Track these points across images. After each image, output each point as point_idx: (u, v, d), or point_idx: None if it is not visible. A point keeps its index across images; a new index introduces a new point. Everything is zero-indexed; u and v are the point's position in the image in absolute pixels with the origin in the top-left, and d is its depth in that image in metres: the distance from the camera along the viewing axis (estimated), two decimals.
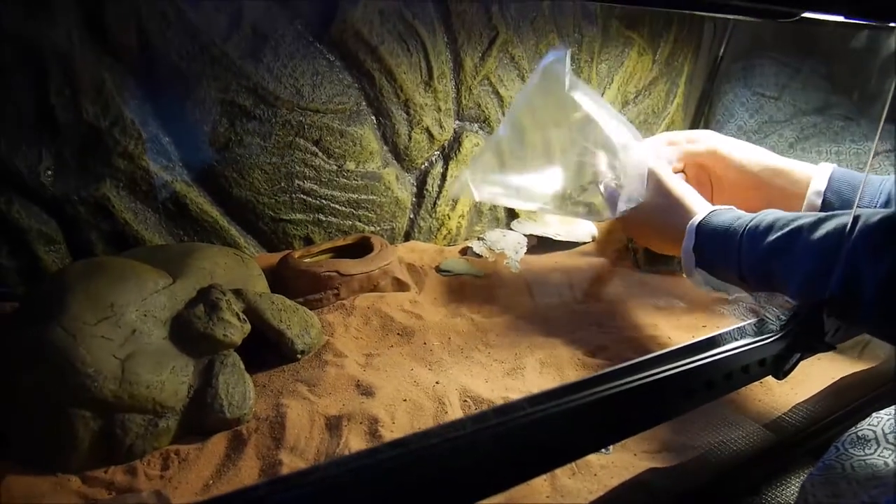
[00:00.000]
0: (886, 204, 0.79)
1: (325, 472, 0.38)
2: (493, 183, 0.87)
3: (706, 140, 0.93)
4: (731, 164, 0.90)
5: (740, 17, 0.71)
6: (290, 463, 0.59)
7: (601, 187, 0.85)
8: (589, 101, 0.85)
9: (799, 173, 0.85)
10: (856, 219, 0.57)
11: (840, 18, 0.64)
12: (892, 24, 0.55)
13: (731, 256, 0.69)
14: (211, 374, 0.65)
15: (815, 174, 0.83)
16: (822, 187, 0.82)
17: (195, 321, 0.66)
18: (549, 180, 0.88)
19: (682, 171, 0.95)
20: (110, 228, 0.87)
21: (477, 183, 0.86)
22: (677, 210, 0.79)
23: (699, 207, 0.78)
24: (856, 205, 0.66)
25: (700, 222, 0.75)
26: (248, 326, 0.70)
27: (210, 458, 0.61)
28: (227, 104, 0.90)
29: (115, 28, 0.81)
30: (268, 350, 0.75)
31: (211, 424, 0.63)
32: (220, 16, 0.87)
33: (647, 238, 0.92)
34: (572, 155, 0.86)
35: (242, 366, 0.68)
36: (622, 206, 0.83)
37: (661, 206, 0.82)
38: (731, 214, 0.73)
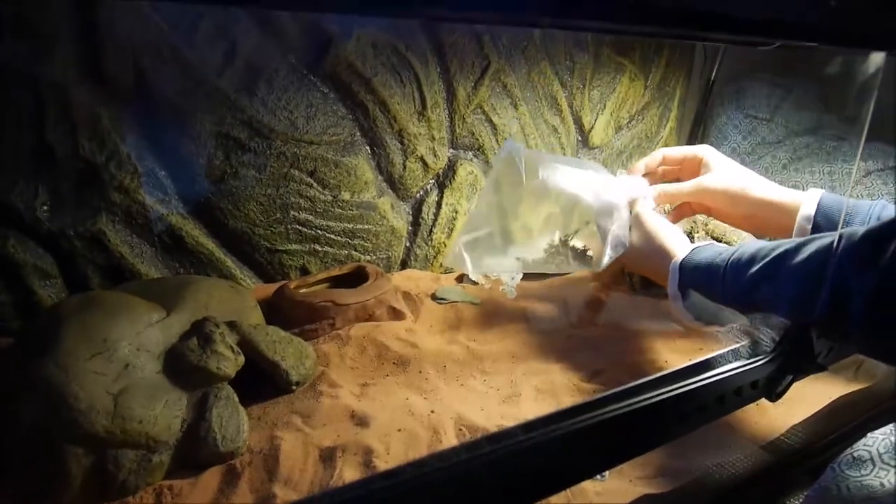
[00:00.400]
0: None
1: None
2: (484, 257, 0.91)
3: (702, 155, 0.93)
4: (720, 199, 0.91)
5: (724, 42, 0.72)
6: (284, 496, 0.59)
7: (580, 245, 0.91)
8: (552, 174, 0.88)
9: (788, 203, 0.85)
10: (841, 237, 0.57)
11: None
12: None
13: (715, 291, 0.70)
14: (205, 407, 0.65)
15: (803, 200, 0.84)
16: (812, 212, 0.82)
17: (189, 354, 0.66)
18: (536, 247, 0.93)
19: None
20: (106, 262, 0.87)
21: (472, 261, 0.90)
22: (660, 253, 0.81)
23: (679, 248, 0.79)
24: (840, 226, 0.66)
25: (682, 262, 0.76)
26: (242, 359, 0.70)
27: (203, 492, 0.60)
28: (222, 137, 0.91)
29: (111, 64, 0.83)
30: (263, 382, 0.75)
31: (205, 458, 0.63)
32: (215, 51, 0.88)
33: (640, 272, 0.94)
34: (553, 223, 0.93)
35: (236, 398, 0.68)
36: (606, 260, 0.87)
37: (644, 251, 0.84)
38: (713, 250, 0.74)
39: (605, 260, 0.86)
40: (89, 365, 0.60)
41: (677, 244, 0.80)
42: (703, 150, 0.94)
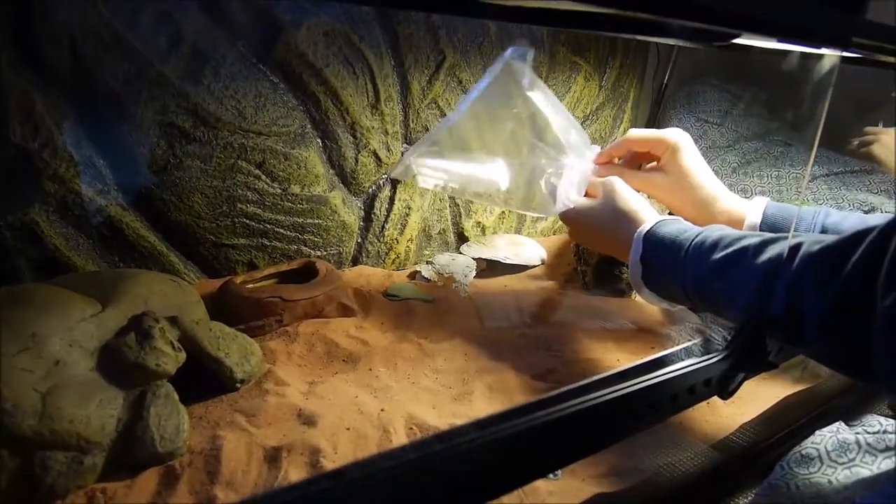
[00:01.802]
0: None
1: None
2: (439, 169, 0.86)
3: (674, 140, 0.90)
4: (675, 197, 0.90)
5: (678, 43, 0.72)
6: (225, 498, 0.56)
7: (543, 183, 0.85)
8: (545, 102, 0.85)
9: (736, 212, 0.85)
10: (797, 246, 0.57)
11: (773, 45, 0.65)
12: (821, 52, 0.56)
13: (677, 270, 0.69)
14: (142, 406, 0.61)
15: (749, 209, 0.84)
16: (757, 220, 0.83)
17: (125, 351, 0.63)
18: (497, 172, 0.87)
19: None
20: (39, 255, 0.83)
21: (421, 167, 0.84)
22: (627, 218, 0.79)
23: (648, 217, 0.78)
24: (792, 230, 0.67)
25: (647, 232, 0.75)
26: (183, 355, 0.67)
27: (139, 495, 0.57)
28: (165, 126, 0.88)
29: (47, 48, 0.78)
30: (206, 380, 0.72)
31: (141, 459, 0.60)
32: (159, 37, 0.85)
33: (597, 243, 0.91)
34: (522, 149, 0.86)
35: (176, 397, 0.65)
36: (559, 206, 0.84)
37: (612, 213, 0.81)
38: (678, 226, 0.73)
39: (558, 206, 0.84)
40: (16, 361, 0.56)
41: (647, 212, 0.79)
42: (675, 136, 0.90)
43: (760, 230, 0.83)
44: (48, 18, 0.78)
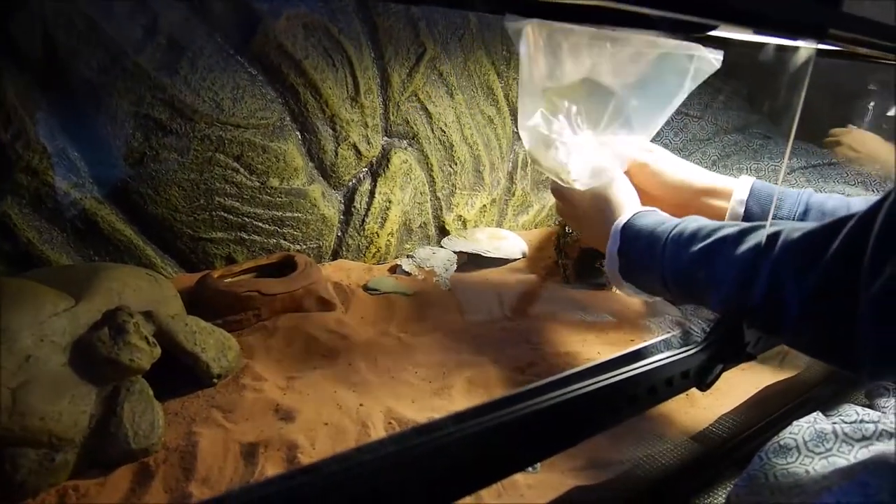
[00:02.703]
0: (805, 214, 0.80)
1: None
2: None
3: (641, 162, 0.91)
4: (661, 181, 0.90)
5: (653, 36, 0.72)
6: (201, 495, 0.56)
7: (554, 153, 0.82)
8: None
9: (721, 188, 0.86)
10: (776, 234, 0.57)
11: (751, 37, 0.65)
12: (797, 44, 0.56)
13: (654, 262, 0.69)
14: (116, 402, 0.61)
15: (736, 186, 0.85)
16: (745, 196, 0.83)
17: (99, 346, 0.61)
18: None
19: None
20: (12, 248, 0.81)
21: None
22: (610, 207, 0.78)
23: (628, 208, 0.77)
24: (770, 216, 0.67)
25: (624, 224, 0.74)
26: (158, 350, 0.66)
27: (112, 493, 0.56)
28: (141, 117, 0.86)
29: (19, 37, 0.77)
30: (182, 375, 0.71)
31: (115, 456, 0.59)
32: (134, 26, 0.83)
33: (579, 226, 0.90)
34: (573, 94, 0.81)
35: (151, 392, 0.64)
36: (584, 181, 0.81)
37: (596, 199, 0.80)
38: (655, 218, 0.73)
39: (584, 181, 0.80)
40: None
41: (629, 204, 0.78)
42: (642, 160, 0.89)
43: (747, 204, 0.83)
44: (20, 5, 0.76)
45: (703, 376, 0.58)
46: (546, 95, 0.81)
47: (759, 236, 0.59)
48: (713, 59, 0.76)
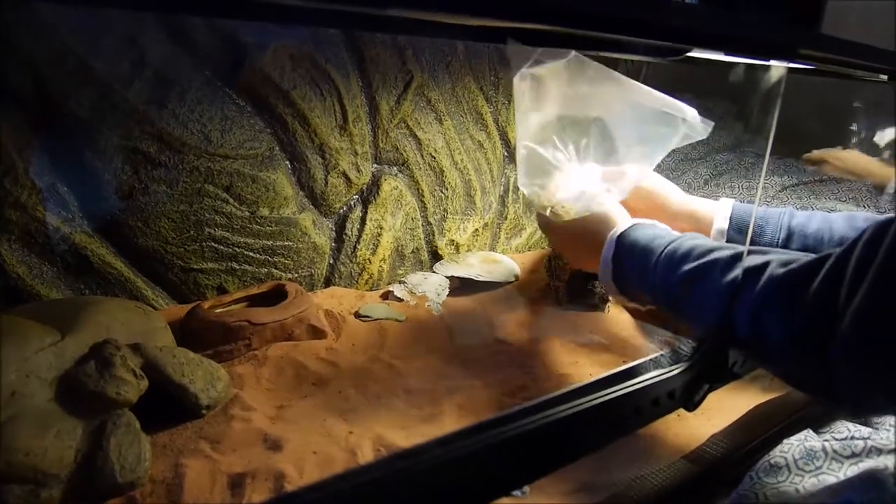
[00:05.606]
0: (788, 239, 0.81)
1: None
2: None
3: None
4: (651, 201, 0.90)
5: (633, 58, 0.73)
6: None
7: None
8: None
9: (703, 214, 0.86)
10: (764, 266, 0.57)
11: (722, 57, 0.66)
12: (769, 63, 0.57)
13: (646, 275, 0.69)
14: (102, 435, 0.60)
15: (716, 212, 0.85)
16: (725, 226, 0.83)
17: (84, 379, 0.62)
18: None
19: None
20: (1, 284, 0.82)
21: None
22: (603, 222, 0.79)
23: (623, 221, 0.78)
24: (748, 238, 0.67)
25: (621, 234, 0.75)
26: (145, 383, 0.66)
27: None
28: (130, 151, 0.87)
29: (8, 73, 0.78)
30: (171, 407, 0.71)
31: (101, 490, 0.59)
32: (122, 62, 0.84)
33: (573, 249, 0.91)
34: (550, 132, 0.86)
35: (138, 425, 0.63)
36: (577, 209, 0.83)
37: (590, 218, 0.81)
38: (652, 231, 0.73)
39: (577, 209, 0.83)
40: None
41: (623, 217, 0.79)
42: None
43: (728, 235, 0.84)
44: (7, 39, 0.77)
45: (689, 396, 0.58)
46: (544, 132, 0.84)
47: (749, 262, 0.59)
48: (702, 128, 0.81)
